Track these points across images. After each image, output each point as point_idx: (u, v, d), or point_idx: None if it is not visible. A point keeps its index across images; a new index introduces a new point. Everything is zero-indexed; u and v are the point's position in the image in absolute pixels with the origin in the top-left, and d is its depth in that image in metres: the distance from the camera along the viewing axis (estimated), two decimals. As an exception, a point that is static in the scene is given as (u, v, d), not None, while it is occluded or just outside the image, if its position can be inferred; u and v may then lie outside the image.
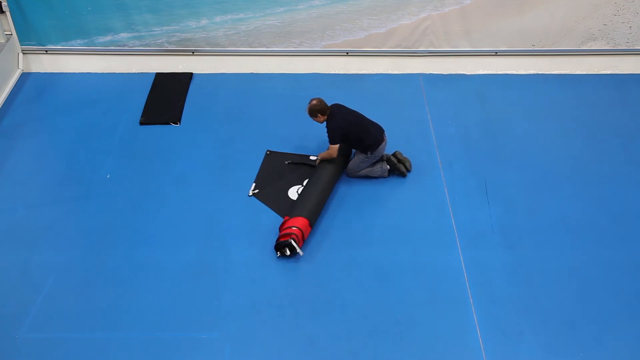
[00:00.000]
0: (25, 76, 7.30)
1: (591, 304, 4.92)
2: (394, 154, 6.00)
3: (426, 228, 5.50)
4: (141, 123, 6.61)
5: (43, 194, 5.79)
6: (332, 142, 5.63)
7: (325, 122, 5.69)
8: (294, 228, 5.17)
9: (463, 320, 4.78)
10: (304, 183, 5.82)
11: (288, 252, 5.15)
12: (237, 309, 4.84)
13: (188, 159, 6.19)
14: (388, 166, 5.93)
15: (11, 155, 6.20)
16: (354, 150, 6.01)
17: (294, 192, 5.77)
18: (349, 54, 7.41)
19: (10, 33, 7.19)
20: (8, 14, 7.03)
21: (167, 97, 6.96)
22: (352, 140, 5.71)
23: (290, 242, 5.09)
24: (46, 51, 7.33)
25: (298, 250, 5.11)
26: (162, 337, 4.64)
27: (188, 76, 7.28)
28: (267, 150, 6.27)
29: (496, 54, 7.41)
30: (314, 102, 5.63)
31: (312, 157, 6.12)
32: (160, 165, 6.12)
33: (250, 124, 6.63)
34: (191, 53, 7.37)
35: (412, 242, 5.38)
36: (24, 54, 7.34)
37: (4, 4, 6.95)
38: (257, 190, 5.77)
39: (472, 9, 7.03)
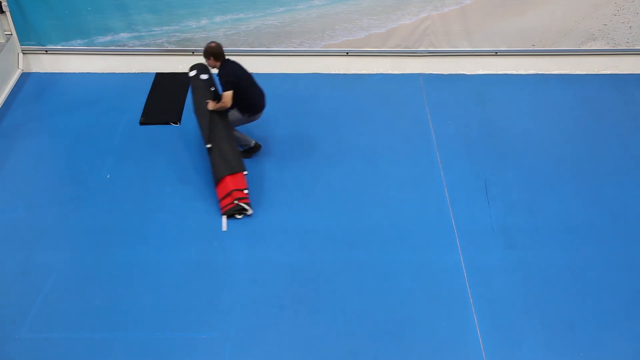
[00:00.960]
0: (25, 76, 7.30)
1: (591, 304, 4.92)
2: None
3: (426, 228, 5.50)
4: (141, 123, 6.61)
5: (43, 194, 5.79)
6: (225, 88, 5.47)
7: (218, 69, 5.62)
8: (234, 192, 5.43)
9: (463, 320, 4.78)
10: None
11: (239, 216, 5.45)
12: (237, 309, 4.84)
13: (188, 159, 6.19)
14: (253, 144, 6.05)
15: (11, 155, 6.20)
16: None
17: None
18: (349, 54, 7.41)
19: (10, 33, 7.19)
20: (8, 14, 7.03)
21: (167, 97, 6.96)
22: (238, 93, 5.58)
23: (241, 207, 5.42)
24: (46, 51, 7.33)
25: (249, 210, 5.44)
26: (162, 337, 4.64)
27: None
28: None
29: (496, 54, 7.41)
30: (213, 44, 5.55)
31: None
32: (160, 165, 6.12)
33: (250, 123, 6.62)
34: (191, 53, 7.37)
35: (412, 242, 5.38)
36: (24, 54, 7.34)
37: (4, 4, 6.95)
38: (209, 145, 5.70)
39: (472, 9, 7.03)
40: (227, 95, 5.48)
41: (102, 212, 5.61)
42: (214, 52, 5.52)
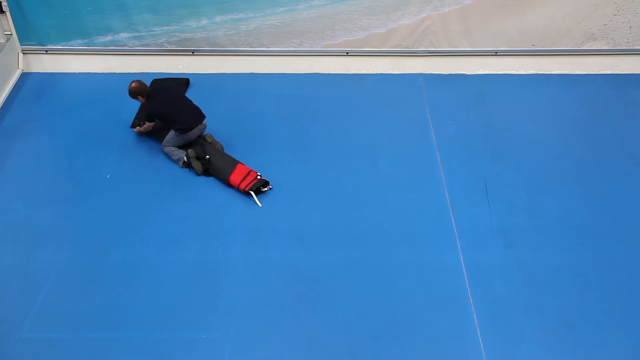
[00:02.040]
0: (25, 76, 7.30)
1: (591, 304, 4.92)
2: (204, 137, 6.30)
3: (426, 228, 5.51)
4: (132, 126, 6.58)
5: (43, 194, 5.79)
6: (147, 119, 6.12)
7: (146, 101, 6.09)
8: (251, 172, 5.82)
9: (463, 320, 4.79)
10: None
11: (265, 189, 5.80)
12: (237, 309, 4.84)
13: (188, 159, 6.19)
14: (186, 159, 6.04)
15: (11, 155, 6.20)
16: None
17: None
18: (349, 54, 7.41)
19: (10, 33, 7.19)
20: (8, 14, 7.03)
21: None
22: (166, 120, 6.07)
23: (265, 180, 5.77)
24: (46, 51, 7.33)
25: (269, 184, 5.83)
26: (162, 337, 4.64)
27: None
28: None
29: (496, 54, 7.41)
30: (133, 84, 6.00)
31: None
32: (160, 165, 6.12)
33: (250, 124, 6.63)
34: (191, 53, 7.37)
35: (412, 242, 5.38)
36: (24, 54, 7.34)
37: (4, 4, 6.95)
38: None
39: (472, 9, 7.03)
40: (147, 126, 6.22)
41: (102, 212, 5.61)
42: (136, 91, 6.00)
